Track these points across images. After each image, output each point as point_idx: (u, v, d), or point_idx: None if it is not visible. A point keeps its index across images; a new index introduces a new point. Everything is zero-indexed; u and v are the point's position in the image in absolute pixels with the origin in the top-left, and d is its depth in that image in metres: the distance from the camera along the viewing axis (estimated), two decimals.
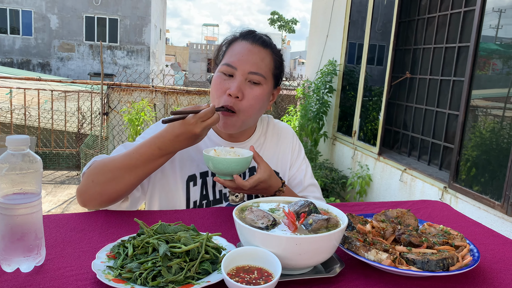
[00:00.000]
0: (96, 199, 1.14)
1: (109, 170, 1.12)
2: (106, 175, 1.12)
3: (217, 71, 1.28)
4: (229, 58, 1.26)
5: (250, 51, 1.25)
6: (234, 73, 1.24)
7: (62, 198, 5.27)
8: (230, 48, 1.29)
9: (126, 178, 1.12)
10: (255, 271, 0.77)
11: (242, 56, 1.24)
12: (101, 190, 1.12)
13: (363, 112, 5.07)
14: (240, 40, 1.29)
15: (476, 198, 3.04)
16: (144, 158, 1.11)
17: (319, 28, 6.36)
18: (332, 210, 0.94)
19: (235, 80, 1.23)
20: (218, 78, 1.26)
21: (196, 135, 1.08)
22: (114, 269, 0.79)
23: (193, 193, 1.30)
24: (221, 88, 1.24)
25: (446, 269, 0.82)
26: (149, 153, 1.10)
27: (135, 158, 1.11)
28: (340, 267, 0.86)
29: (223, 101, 1.23)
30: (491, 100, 3.19)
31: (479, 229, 1.15)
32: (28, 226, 0.80)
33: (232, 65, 1.23)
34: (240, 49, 1.26)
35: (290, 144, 1.47)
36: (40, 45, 21.35)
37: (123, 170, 1.11)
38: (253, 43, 1.27)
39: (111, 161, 1.14)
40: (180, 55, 44.72)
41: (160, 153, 1.11)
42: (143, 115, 5.41)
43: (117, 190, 1.13)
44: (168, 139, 1.09)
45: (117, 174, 1.12)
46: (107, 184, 1.12)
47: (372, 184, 4.56)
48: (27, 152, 0.80)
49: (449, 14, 3.71)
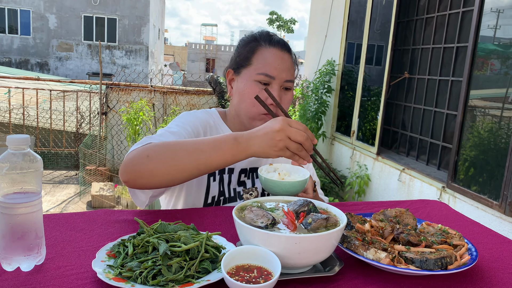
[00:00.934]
0: (144, 177, 1.05)
1: (170, 149, 1.04)
2: (166, 154, 1.04)
3: (250, 79, 1.28)
4: (263, 66, 1.27)
5: (282, 59, 1.29)
6: (271, 82, 1.27)
7: (60, 198, 5.26)
8: (259, 54, 1.29)
9: (186, 160, 1.02)
10: (254, 270, 0.78)
11: (278, 65, 1.27)
12: (154, 167, 1.03)
13: (361, 112, 5.08)
14: (268, 46, 1.30)
15: (474, 198, 3.05)
16: (215, 143, 1.02)
17: (317, 28, 6.37)
18: (331, 209, 0.95)
19: (273, 89, 1.27)
20: (255, 87, 1.27)
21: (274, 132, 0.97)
22: (114, 268, 0.79)
23: (212, 188, 1.32)
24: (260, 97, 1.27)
25: (444, 268, 0.83)
26: (222, 140, 1.02)
27: (206, 142, 1.03)
28: (339, 266, 0.86)
29: (263, 110, 1.26)
30: (489, 100, 3.20)
31: (477, 229, 1.16)
32: (29, 225, 0.80)
33: (271, 75, 1.27)
34: (273, 57, 1.28)
35: None
36: (38, 44, 21.32)
37: (186, 152, 1.03)
38: (282, 50, 1.30)
39: (175, 142, 1.07)
40: (178, 55, 44.71)
41: (233, 145, 1.00)
42: (141, 114, 5.41)
43: (170, 172, 1.04)
44: (247, 132, 1.02)
45: (178, 153, 1.03)
46: (164, 162, 1.03)
47: (370, 184, 4.57)
48: (27, 151, 0.80)
49: (448, 14, 3.72)
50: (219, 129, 1.38)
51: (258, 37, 1.32)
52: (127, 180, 1.07)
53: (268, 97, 1.23)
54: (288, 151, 0.98)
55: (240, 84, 1.31)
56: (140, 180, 1.06)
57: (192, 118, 1.33)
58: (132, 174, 1.06)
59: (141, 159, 1.04)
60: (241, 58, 1.32)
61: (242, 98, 1.30)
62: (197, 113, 1.37)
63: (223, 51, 38.59)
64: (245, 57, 1.31)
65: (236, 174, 1.36)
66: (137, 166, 1.05)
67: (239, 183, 1.37)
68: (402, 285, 0.82)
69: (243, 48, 1.33)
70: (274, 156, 0.99)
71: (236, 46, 1.39)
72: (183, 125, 1.28)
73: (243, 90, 1.29)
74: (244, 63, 1.31)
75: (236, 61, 1.34)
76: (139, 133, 5.44)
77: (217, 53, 38.54)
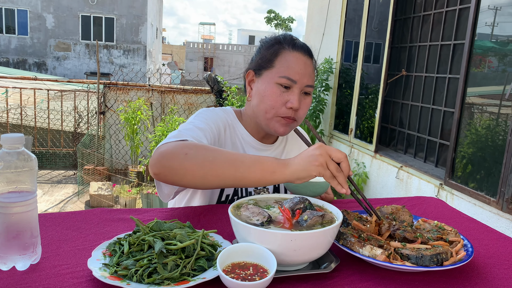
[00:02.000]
0: (178, 174, 1.03)
1: (210, 152, 1.03)
2: (206, 156, 1.02)
3: (272, 81, 1.28)
4: (286, 70, 1.27)
5: (305, 64, 1.29)
6: (293, 86, 1.27)
7: (59, 197, 5.26)
8: (282, 57, 1.29)
9: (224, 168, 1.01)
10: (250, 267, 0.78)
11: (300, 70, 1.27)
12: (191, 166, 1.02)
13: (359, 110, 5.09)
14: (291, 50, 1.29)
15: (471, 194, 3.06)
16: (255, 158, 1.01)
17: (315, 26, 6.37)
18: (327, 206, 0.95)
19: (294, 93, 1.27)
20: (276, 89, 1.27)
21: (315, 149, 0.95)
22: (110, 267, 0.79)
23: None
24: (281, 100, 1.27)
25: (440, 264, 0.83)
26: (263, 156, 1.02)
27: (247, 155, 1.03)
28: (335, 263, 0.86)
29: (282, 112, 1.28)
30: (486, 98, 3.21)
31: (474, 225, 1.16)
32: (24, 224, 0.80)
33: (293, 79, 1.26)
34: (296, 61, 1.28)
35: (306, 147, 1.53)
36: (36, 44, 21.26)
37: (226, 159, 1.02)
38: (305, 54, 1.30)
39: (214, 147, 1.06)
40: (177, 54, 44.64)
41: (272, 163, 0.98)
42: (139, 114, 5.40)
43: (206, 176, 1.02)
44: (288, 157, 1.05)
45: (218, 159, 1.01)
46: (202, 165, 1.01)
47: (368, 182, 4.57)
48: (22, 150, 0.80)
49: (445, 11, 3.72)
50: (236, 129, 1.39)
51: (282, 40, 1.32)
52: (158, 173, 1.06)
53: (289, 100, 1.26)
54: (328, 170, 0.94)
55: (261, 86, 1.31)
56: (172, 177, 1.05)
57: (213, 116, 1.34)
58: (166, 168, 1.04)
59: (179, 155, 1.02)
60: (264, 60, 1.32)
61: (262, 99, 1.30)
62: (217, 111, 1.38)
63: (221, 50, 38.54)
64: (267, 59, 1.31)
65: None
66: (172, 161, 1.03)
67: None
68: (398, 281, 0.82)
69: (266, 50, 1.33)
70: (314, 171, 0.94)
71: (258, 47, 1.38)
72: (207, 121, 1.28)
73: (264, 92, 1.29)
74: (266, 65, 1.31)
75: (258, 63, 1.34)
76: (137, 132, 5.44)
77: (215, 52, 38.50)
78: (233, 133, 1.37)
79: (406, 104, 4.27)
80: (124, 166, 6.24)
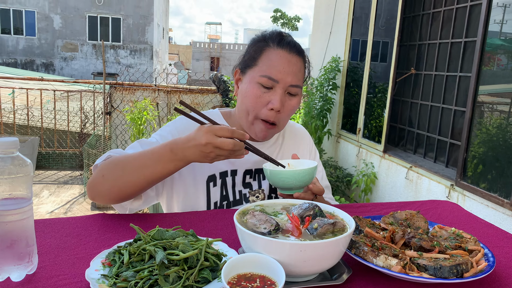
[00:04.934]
0: (105, 196, 1.11)
1: (119, 167, 1.09)
2: (116, 172, 1.09)
3: (253, 80, 1.22)
4: (268, 69, 1.20)
5: (289, 62, 1.21)
6: (275, 86, 1.20)
7: (65, 198, 5.25)
8: (265, 55, 1.22)
9: (134, 176, 1.07)
10: (257, 279, 0.73)
11: (283, 69, 1.19)
12: (110, 186, 1.09)
13: (367, 109, 5.02)
14: (275, 47, 1.22)
15: (484, 196, 2.99)
16: (154, 157, 1.05)
17: (322, 24, 6.30)
18: (338, 213, 0.90)
19: (276, 93, 1.20)
20: (257, 90, 1.21)
21: (201, 146, 0.98)
22: (108, 278, 0.75)
23: (213, 194, 1.28)
24: (261, 101, 1.21)
25: (460, 276, 0.77)
26: (160, 153, 1.05)
27: (147, 156, 1.07)
28: (348, 273, 0.81)
29: (263, 115, 1.22)
30: (497, 96, 3.13)
31: (492, 231, 1.10)
32: (19, 233, 0.76)
33: (274, 79, 1.19)
34: (279, 59, 1.20)
35: (307, 146, 1.48)
36: (43, 45, 21.39)
37: (132, 168, 1.07)
38: (290, 52, 1.22)
39: (123, 158, 1.11)
40: (183, 53, 44.71)
41: (171, 156, 1.04)
42: (145, 114, 5.38)
43: (125, 188, 1.09)
44: (180, 142, 1.02)
45: (126, 171, 1.08)
46: (116, 181, 1.08)
47: (377, 182, 4.50)
48: (16, 155, 0.76)
49: (455, 8, 3.64)
50: None
51: (268, 37, 1.25)
52: (92, 199, 1.16)
53: (270, 101, 1.19)
54: (222, 156, 1.01)
55: (244, 85, 1.25)
56: (103, 200, 1.13)
57: (179, 125, 1.29)
58: (95, 196, 1.14)
59: (98, 179, 1.11)
60: (249, 58, 1.26)
61: (243, 100, 1.25)
62: (177, 121, 1.33)
63: (228, 50, 38.54)
64: (251, 57, 1.25)
65: (240, 176, 1.31)
66: (96, 188, 1.12)
67: (245, 185, 1.32)
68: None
69: (251, 48, 1.27)
70: (211, 163, 1.05)
71: (247, 45, 1.32)
72: (167, 134, 1.26)
73: (245, 92, 1.23)
74: (250, 63, 1.25)
75: (244, 61, 1.28)
76: (143, 133, 5.41)
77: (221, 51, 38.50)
78: None
79: (416, 103, 4.20)
80: None
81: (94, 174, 1.13)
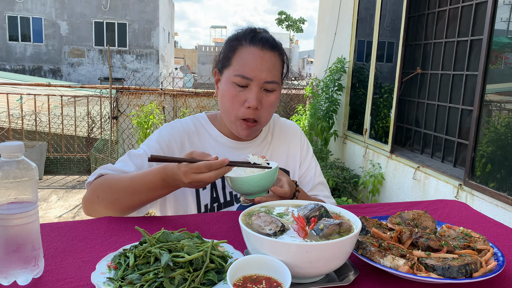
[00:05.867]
0: (102, 213, 1.15)
1: (114, 190, 1.13)
2: (111, 195, 1.13)
3: (229, 80, 1.22)
4: (241, 68, 1.19)
5: (262, 59, 1.20)
6: (249, 84, 1.20)
7: (73, 202, 5.28)
8: (238, 54, 1.22)
9: (129, 200, 1.12)
10: (263, 281, 0.72)
11: (256, 66, 1.19)
12: (106, 207, 1.14)
13: (373, 110, 4.99)
14: (247, 45, 1.21)
15: (493, 195, 2.95)
16: (148, 186, 1.09)
17: (327, 25, 6.29)
18: (345, 213, 0.89)
19: (252, 91, 1.20)
20: (232, 90, 1.21)
21: (186, 184, 1.02)
22: (114, 281, 0.74)
23: (203, 197, 1.28)
24: (238, 101, 1.21)
25: (469, 275, 0.76)
26: (153, 183, 1.08)
27: (140, 184, 1.10)
28: (354, 274, 0.80)
29: (241, 113, 1.22)
30: (505, 95, 3.10)
31: (502, 230, 1.09)
32: (24, 236, 0.76)
33: (247, 77, 1.19)
34: (251, 57, 1.19)
35: (298, 142, 1.45)
36: (50, 51, 21.59)
37: (127, 193, 1.12)
38: (263, 48, 1.21)
39: (116, 182, 1.14)
40: (189, 57, 44.87)
41: (163, 184, 1.08)
42: (152, 118, 5.40)
43: (122, 209, 1.15)
44: (170, 174, 1.04)
45: (121, 195, 1.12)
46: (112, 203, 1.13)
47: (384, 183, 4.47)
48: (21, 159, 0.76)
49: (460, 7, 3.62)
50: (206, 133, 1.35)
51: (241, 35, 1.24)
52: (88, 214, 1.19)
53: (247, 100, 1.19)
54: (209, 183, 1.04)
55: (221, 86, 1.26)
56: (99, 215, 1.15)
57: (165, 133, 1.30)
58: (91, 213, 1.18)
59: (94, 200, 1.15)
60: (223, 57, 1.26)
61: (222, 100, 1.26)
62: (175, 124, 1.34)
63: None
64: (226, 56, 1.25)
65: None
66: (92, 206, 1.16)
67: None
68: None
69: (226, 47, 1.27)
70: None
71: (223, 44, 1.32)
72: (153, 143, 1.28)
73: (223, 92, 1.24)
74: (225, 63, 1.25)
75: (220, 61, 1.28)
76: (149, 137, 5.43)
77: None
78: (202, 138, 1.33)
79: (422, 103, 4.17)
80: None
81: (89, 193, 1.17)
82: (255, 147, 1.36)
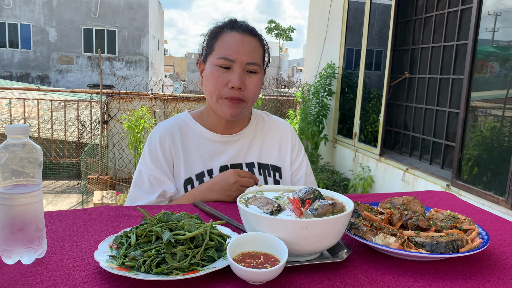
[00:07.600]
0: None
1: None
2: None
3: (212, 64, 1.27)
4: (223, 50, 1.25)
5: (243, 42, 1.26)
6: (232, 65, 1.25)
7: (63, 207, 5.24)
8: (220, 39, 1.28)
9: None
10: (261, 257, 0.76)
11: (237, 48, 1.24)
12: None
13: (363, 114, 5.07)
14: (229, 31, 1.28)
15: (479, 194, 3.02)
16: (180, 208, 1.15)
17: (316, 31, 6.38)
18: (338, 197, 0.93)
19: (234, 72, 1.24)
20: (216, 71, 1.25)
21: (230, 184, 1.19)
22: (117, 258, 0.77)
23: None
24: (221, 81, 1.25)
25: (456, 251, 0.80)
26: (185, 205, 1.17)
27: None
28: (347, 252, 0.84)
29: (226, 94, 1.25)
30: (490, 102, 3.19)
31: (487, 216, 1.14)
32: (29, 216, 0.78)
33: (230, 58, 1.24)
34: (233, 40, 1.26)
35: (289, 141, 1.48)
36: (39, 58, 21.41)
37: None
38: (243, 33, 1.27)
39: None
40: (178, 65, 44.86)
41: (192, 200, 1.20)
42: (143, 122, 5.40)
43: None
44: (203, 188, 1.20)
45: None
46: None
47: (374, 185, 4.53)
48: (26, 141, 0.79)
49: (446, 12, 3.72)
50: (190, 131, 1.37)
51: (223, 24, 1.32)
52: None
53: (230, 80, 1.24)
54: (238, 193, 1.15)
55: (205, 71, 1.31)
56: None
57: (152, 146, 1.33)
58: None
59: None
60: (206, 45, 1.32)
61: (206, 83, 1.30)
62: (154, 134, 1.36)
63: None
64: (208, 44, 1.31)
65: (217, 173, 1.33)
66: None
67: None
68: (413, 270, 0.80)
69: (208, 36, 1.33)
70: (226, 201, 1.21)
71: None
72: (147, 160, 1.31)
73: (206, 76, 1.29)
74: (209, 51, 1.31)
75: (204, 51, 1.34)
76: (141, 141, 5.43)
77: None
78: (185, 136, 1.35)
79: (410, 107, 4.25)
80: (128, 174, 6.22)
81: None
82: (238, 139, 1.38)
